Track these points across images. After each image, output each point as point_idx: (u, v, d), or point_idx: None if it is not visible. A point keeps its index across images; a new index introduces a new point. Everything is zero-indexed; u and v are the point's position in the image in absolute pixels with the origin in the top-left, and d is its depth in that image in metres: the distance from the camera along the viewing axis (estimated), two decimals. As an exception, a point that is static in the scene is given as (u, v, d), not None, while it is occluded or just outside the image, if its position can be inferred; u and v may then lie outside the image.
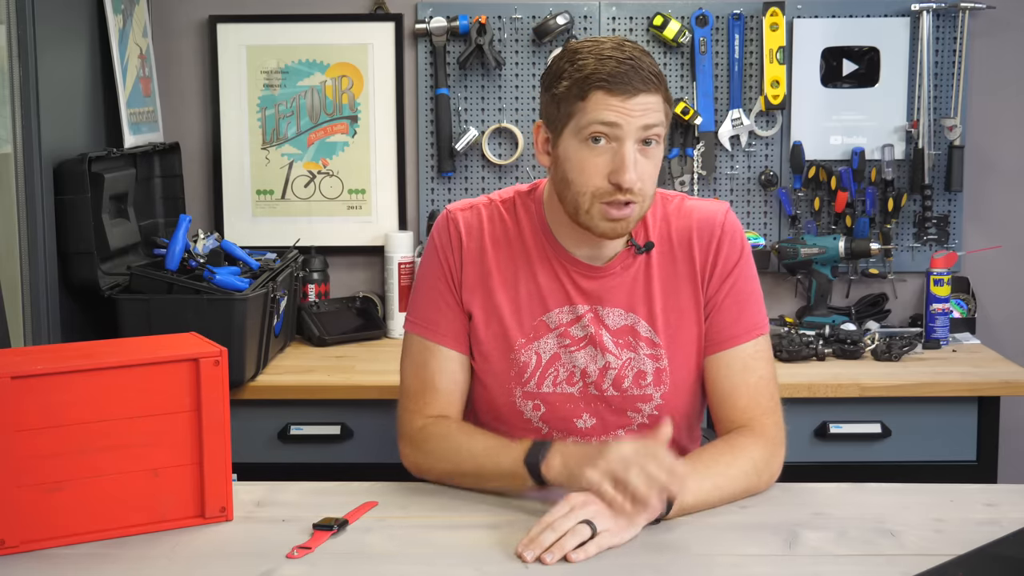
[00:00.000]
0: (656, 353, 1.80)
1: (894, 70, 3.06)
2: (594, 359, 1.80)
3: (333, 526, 1.55)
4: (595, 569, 1.45)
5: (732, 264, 1.82)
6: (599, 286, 1.80)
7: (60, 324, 2.48)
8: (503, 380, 1.81)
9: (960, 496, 1.70)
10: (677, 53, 3.09)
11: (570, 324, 1.80)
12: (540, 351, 1.80)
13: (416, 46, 3.10)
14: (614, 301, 1.80)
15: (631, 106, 1.65)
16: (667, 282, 1.81)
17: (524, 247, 1.82)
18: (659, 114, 1.68)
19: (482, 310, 1.81)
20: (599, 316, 1.80)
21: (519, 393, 1.81)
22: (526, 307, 1.81)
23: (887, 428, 2.58)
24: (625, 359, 1.80)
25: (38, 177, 2.39)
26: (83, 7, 2.70)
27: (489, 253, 1.82)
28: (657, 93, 1.68)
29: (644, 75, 1.66)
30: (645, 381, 1.80)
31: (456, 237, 1.83)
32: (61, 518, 1.51)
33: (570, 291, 1.80)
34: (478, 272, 1.82)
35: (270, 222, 3.14)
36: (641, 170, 1.67)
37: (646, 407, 1.81)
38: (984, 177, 3.12)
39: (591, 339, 1.80)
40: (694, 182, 3.10)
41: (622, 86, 1.65)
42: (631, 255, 1.81)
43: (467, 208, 1.86)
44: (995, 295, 3.14)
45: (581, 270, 1.80)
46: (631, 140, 1.66)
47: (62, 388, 1.49)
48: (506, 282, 1.82)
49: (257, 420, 2.58)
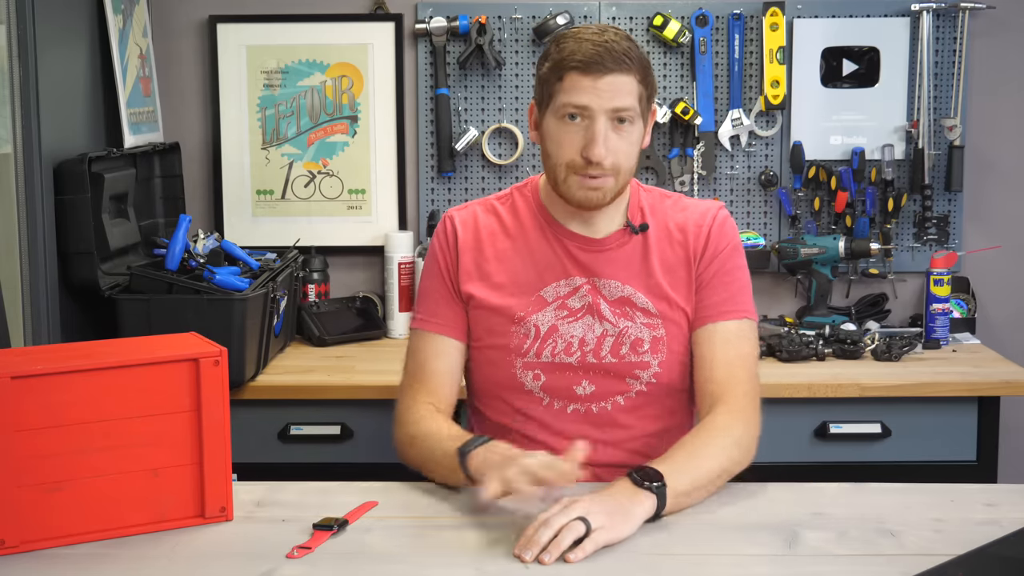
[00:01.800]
0: (653, 323, 1.87)
1: (894, 70, 3.06)
2: (591, 328, 1.87)
3: (333, 526, 1.56)
4: (595, 569, 1.45)
5: (722, 248, 1.90)
6: (595, 259, 1.89)
7: (60, 324, 2.48)
8: (503, 353, 1.89)
9: (960, 496, 1.70)
10: (677, 53, 3.09)
11: (567, 296, 1.88)
12: (538, 323, 1.87)
13: (416, 46, 3.10)
14: (610, 274, 1.88)
15: (601, 86, 1.76)
16: (664, 263, 1.89)
17: (521, 228, 1.92)
18: (631, 95, 1.78)
19: (481, 290, 1.90)
20: (596, 287, 1.88)
21: (519, 364, 1.88)
22: (524, 282, 1.89)
23: (887, 428, 2.58)
24: (622, 327, 1.87)
25: (38, 177, 2.39)
26: (83, 7, 2.70)
27: (485, 240, 1.93)
28: (629, 74, 1.77)
29: (616, 56, 1.76)
30: (642, 348, 1.87)
31: (452, 232, 1.94)
32: (61, 518, 1.51)
33: (567, 264, 1.89)
34: (474, 259, 1.92)
35: (270, 222, 3.14)
36: (614, 146, 1.78)
37: (644, 374, 1.87)
38: (984, 177, 3.12)
39: (589, 308, 1.88)
40: (694, 182, 3.10)
41: (594, 67, 1.75)
42: (627, 234, 1.89)
43: (463, 208, 1.99)
44: (995, 295, 3.14)
45: (578, 243, 1.89)
46: (602, 118, 1.77)
47: (62, 388, 1.49)
48: (503, 262, 1.91)
49: (257, 420, 2.58)
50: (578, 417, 1.88)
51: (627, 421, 1.88)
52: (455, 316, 1.92)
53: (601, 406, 1.88)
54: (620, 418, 1.88)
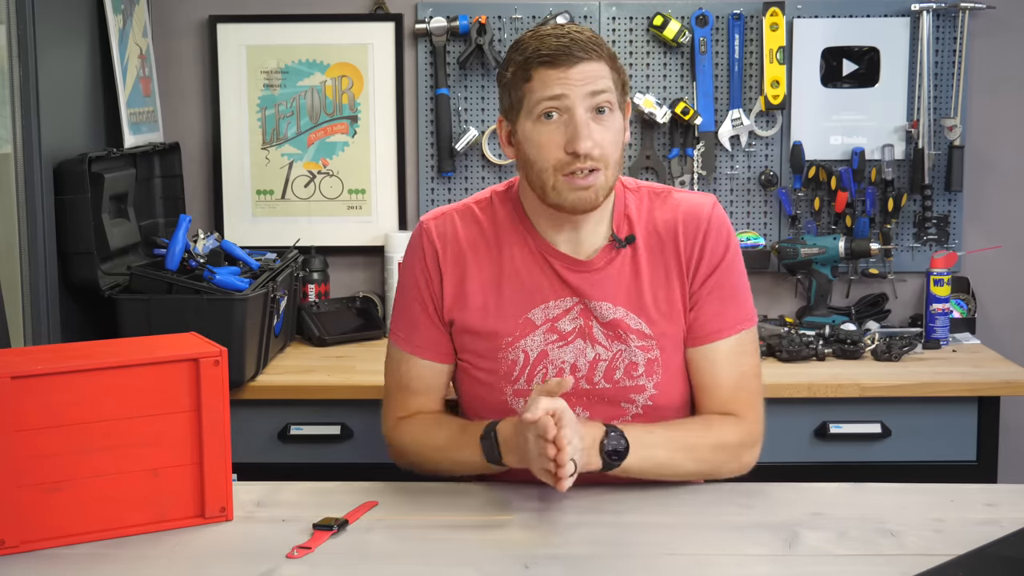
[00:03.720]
0: (647, 344, 1.80)
1: (894, 70, 3.06)
2: (583, 352, 1.80)
3: (333, 526, 1.55)
4: (595, 568, 1.45)
5: (718, 259, 1.81)
6: (584, 280, 1.80)
7: (60, 324, 2.48)
8: (493, 379, 1.82)
9: (960, 496, 1.70)
10: (677, 53, 3.09)
11: (557, 319, 1.80)
12: (527, 348, 1.80)
13: (416, 46, 3.10)
14: (601, 295, 1.80)
15: (574, 75, 1.69)
16: (655, 275, 1.81)
17: (505, 245, 1.83)
18: (606, 80, 1.71)
19: (466, 314, 1.82)
20: (588, 308, 1.80)
21: (510, 392, 1.81)
22: (511, 306, 1.81)
23: (887, 428, 2.58)
24: (616, 351, 1.79)
25: (38, 177, 2.39)
26: (83, 7, 2.70)
27: (468, 258, 1.83)
28: (599, 60, 1.71)
29: (583, 44, 1.70)
30: (637, 372, 1.80)
31: (431, 249, 1.84)
32: (61, 518, 1.51)
33: (556, 286, 1.80)
34: (458, 279, 1.83)
35: (270, 222, 3.14)
36: (599, 137, 1.69)
37: (640, 398, 1.81)
38: (984, 177, 3.12)
39: (580, 331, 1.80)
40: (694, 182, 3.10)
41: (562, 58, 1.69)
42: (613, 249, 1.81)
43: (439, 216, 1.87)
44: (995, 295, 3.14)
45: (566, 264, 1.80)
46: (581, 108, 1.69)
47: (62, 388, 1.49)
48: (488, 284, 1.82)
49: (257, 420, 2.58)
50: None
51: None
52: (438, 339, 1.84)
53: None
54: None
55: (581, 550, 1.50)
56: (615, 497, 1.69)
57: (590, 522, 1.60)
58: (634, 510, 1.65)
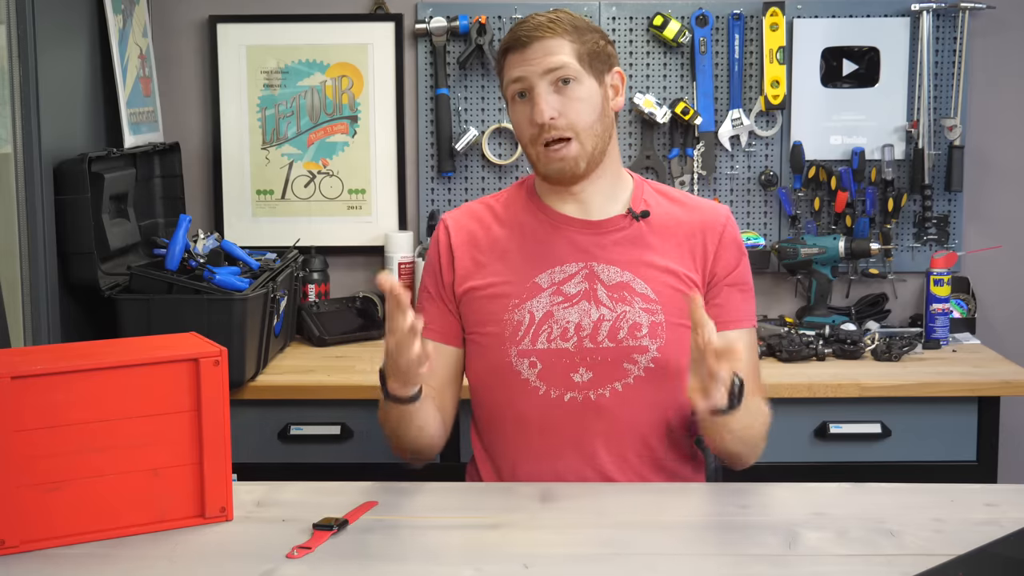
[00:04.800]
0: (651, 308, 1.86)
1: (894, 70, 3.06)
2: (587, 313, 1.87)
3: (333, 526, 1.55)
4: (595, 569, 1.45)
5: (733, 265, 1.92)
6: (594, 242, 1.89)
7: (60, 324, 2.48)
8: (498, 341, 1.88)
9: (960, 496, 1.70)
10: (677, 53, 3.09)
11: (563, 282, 1.88)
12: (532, 310, 1.87)
13: (416, 46, 3.10)
14: (609, 259, 1.88)
15: (529, 55, 1.83)
16: (666, 251, 1.89)
17: (515, 217, 1.95)
18: (563, 55, 1.83)
19: (477, 283, 1.91)
20: (594, 272, 1.88)
21: (514, 352, 1.87)
22: (519, 271, 1.90)
23: (887, 428, 2.58)
24: (620, 312, 1.86)
25: (38, 177, 2.39)
26: (83, 7, 2.70)
27: (478, 232, 1.95)
28: (555, 36, 1.83)
29: (538, 25, 1.84)
30: (640, 332, 1.86)
31: (444, 235, 1.97)
32: (61, 518, 1.51)
33: (563, 250, 1.89)
34: (469, 255, 1.93)
35: (270, 222, 3.14)
36: (563, 106, 1.82)
37: (642, 359, 1.85)
38: (984, 177, 3.12)
39: (585, 294, 1.87)
40: (694, 182, 3.10)
41: (519, 42, 1.85)
42: (627, 219, 1.90)
43: (458, 209, 2.02)
44: (995, 295, 3.14)
45: (575, 226, 1.90)
46: (540, 83, 1.82)
47: (62, 388, 1.49)
48: (497, 251, 1.93)
49: (257, 420, 2.58)
50: (575, 407, 1.85)
51: (625, 410, 1.85)
52: (447, 322, 1.94)
53: (599, 393, 1.85)
54: (617, 407, 1.85)
55: (581, 550, 1.50)
56: (615, 497, 1.70)
57: (590, 522, 1.60)
58: (634, 510, 1.65)
